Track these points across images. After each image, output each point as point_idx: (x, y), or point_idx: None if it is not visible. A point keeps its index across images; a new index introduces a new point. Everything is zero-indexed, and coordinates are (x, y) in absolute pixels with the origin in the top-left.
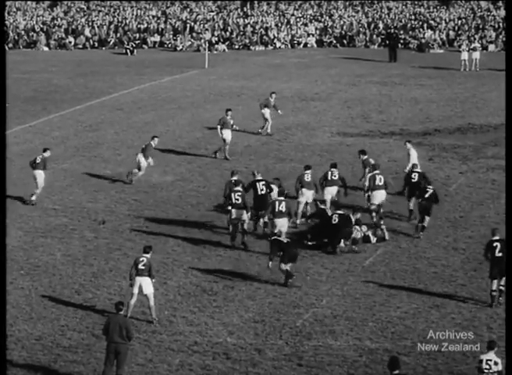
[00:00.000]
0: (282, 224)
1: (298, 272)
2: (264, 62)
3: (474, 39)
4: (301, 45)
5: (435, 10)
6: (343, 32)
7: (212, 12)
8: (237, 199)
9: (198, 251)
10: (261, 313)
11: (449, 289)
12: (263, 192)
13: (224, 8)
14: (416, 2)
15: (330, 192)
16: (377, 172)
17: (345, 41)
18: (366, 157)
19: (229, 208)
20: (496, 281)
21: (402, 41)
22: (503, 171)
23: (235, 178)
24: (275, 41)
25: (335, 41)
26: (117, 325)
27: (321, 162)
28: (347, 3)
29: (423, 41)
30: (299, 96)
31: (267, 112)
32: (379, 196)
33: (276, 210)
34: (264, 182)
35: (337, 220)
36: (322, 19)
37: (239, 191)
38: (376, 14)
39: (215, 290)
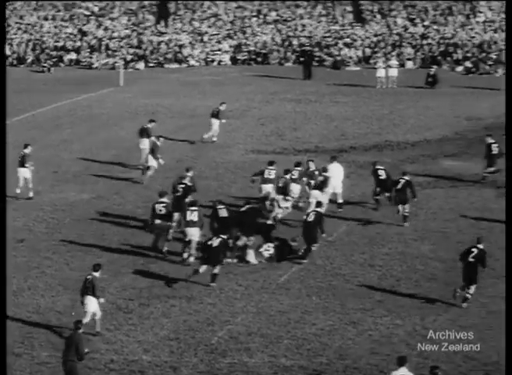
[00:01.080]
0: (193, 234)
1: (213, 289)
2: (179, 80)
3: (392, 56)
4: (215, 63)
5: (350, 27)
6: (257, 49)
7: (127, 29)
8: (160, 210)
9: (114, 269)
10: (176, 331)
11: (365, 306)
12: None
13: (138, 25)
14: (331, 19)
15: (265, 189)
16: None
17: (259, 59)
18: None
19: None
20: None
21: (317, 59)
22: (422, 188)
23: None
24: (189, 58)
25: (249, 59)
26: (71, 343)
27: (235, 179)
28: (261, 20)
29: (338, 58)
30: None
31: (215, 122)
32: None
33: (188, 219)
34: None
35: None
36: (236, 37)
37: (163, 203)
38: (290, 31)
39: (130, 307)
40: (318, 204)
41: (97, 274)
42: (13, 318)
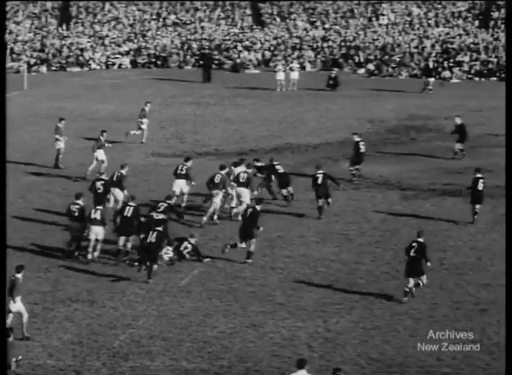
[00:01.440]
0: (97, 232)
1: (115, 292)
2: (80, 84)
3: (293, 59)
4: (116, 66)
5: (249, 30)
6: (157, 52)
7: (30, 33)
8: (74, 212)
9: None
10: (79, 335)
11: (266, 308)
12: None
13: (42, 28)
14: (230, 22)
15: (178, 184)
16: None
17: (159, 62)
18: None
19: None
20: (411, 279)
21: (216, 62)
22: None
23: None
24: (91, 62)
25: (148, 62)
26: None
27: (136, 183)
28: (160, 23)
29: (238, 61)
30: (113, 117)
31: (145, 122)
32: None
33: (92, 217)
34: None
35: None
36: (136, 40)
37: (77, 204)
38: (190, 34)
39: (34, 312)
40: (259, 200)
41: (19, 275)
42: None
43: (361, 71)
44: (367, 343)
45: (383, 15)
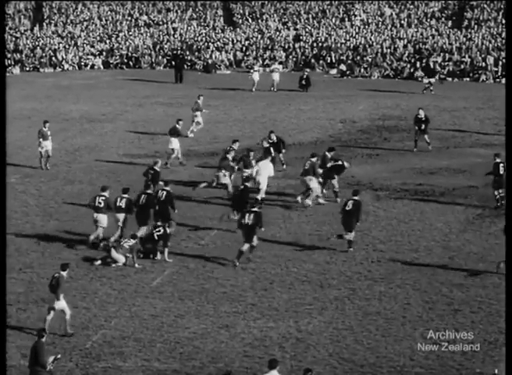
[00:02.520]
0: (120, 218)
1: (88, 293)
2: (54, 84)
3: (271, 60)
4: (88, 67)
5: (221, 31)
6: (129, 53)
7: (4, 33)
8: (100, 203)
9: None
10: (52, 335)
11: (238, 309)
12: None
13: (15, 29)
14: (202, 23)
15: None
16: None
17: (131, 63)
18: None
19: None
20: (349, 232)
21: (188, 62)
22: (295, 191)
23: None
24: (64, 62)
25: (121, 63)
26: (33, 352)
27: (108, 183)
28: (132, 24)
29: (209, 61)
30: (86, 117)
31: (198, 115)
32: None
33: (117, 205)
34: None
35: None
36: (108, 41)
37: (103, 196)
38: (162, 35)
39: (9, 313)
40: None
41: (64, 273)
42: None
43: (333, 72)
44: (339, 343)
45: (355, 15)
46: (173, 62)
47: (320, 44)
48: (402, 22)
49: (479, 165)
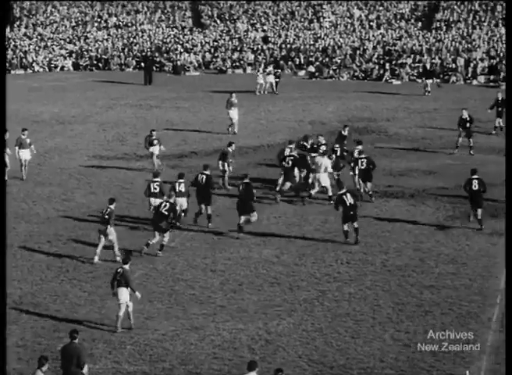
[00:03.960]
0: (181, 203)
1: (58, 295)
2: (24, 86)
3: (269, 64)
4: (58, 69)
5: (189, 32)
6: (99, 55)
7: None
8: (155, 188)
9: None
10: (24, 338)
11: (208, 311)
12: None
13: None
14: (170, 24)
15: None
16: None
17: (100, 64)
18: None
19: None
20: (242, 217)
21: (157, 64)
22: (264, 193)
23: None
24: (34, 64)
25: (90, 64)
26: (69, 354)
27: (78, 185)
28: (102, 26)
29: (178, 63)
30: (56, 119)
31: (233, 112)
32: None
33: (177, 190)
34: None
35: None
36: (78, 42)
37: (157, 182)
38: (131, 37)
39: None
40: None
41: (126, 266)
42: None
43: (302, 73)
44: (308, 345)
45: (324, 17)
46: (143, 64)
47: (289, 46)
48: (371, 23)
49: (450, 166)
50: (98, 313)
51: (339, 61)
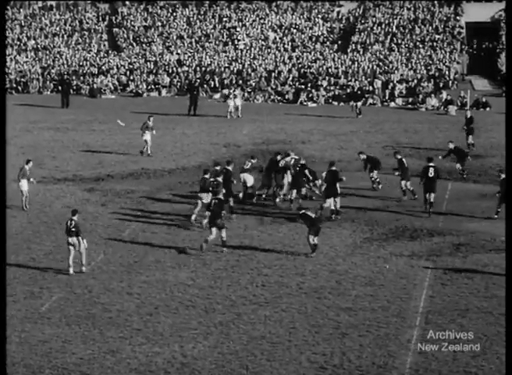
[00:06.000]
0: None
1: None
2: None
3: (236, 87)
4: None
5: (105, 55)
6: (18, 78)
7: None
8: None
9: None
10: None
11: (124, 334)
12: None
13: None
14: (87, 47)
15: None
16: None
17: (19, 87)
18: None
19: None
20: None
21: (74, 87)
22: (177, 216)
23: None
24: None
25: (10, 87)
26: None
27: None
28: (21, 49)
29: (94, 86)
30: None
31: (148, 135)
32: None
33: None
34: None
35: None
36: None
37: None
38: (49, 60)
39: None
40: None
41: (75, 218)
42: None
43: (217, 96)
44: (224, 368)
45: (239, 39)
46: (60, 87)
47: (204, 68)
48: (286, 46)
49: (366, 188)
50: (18, 337)
51: (253, 83)
